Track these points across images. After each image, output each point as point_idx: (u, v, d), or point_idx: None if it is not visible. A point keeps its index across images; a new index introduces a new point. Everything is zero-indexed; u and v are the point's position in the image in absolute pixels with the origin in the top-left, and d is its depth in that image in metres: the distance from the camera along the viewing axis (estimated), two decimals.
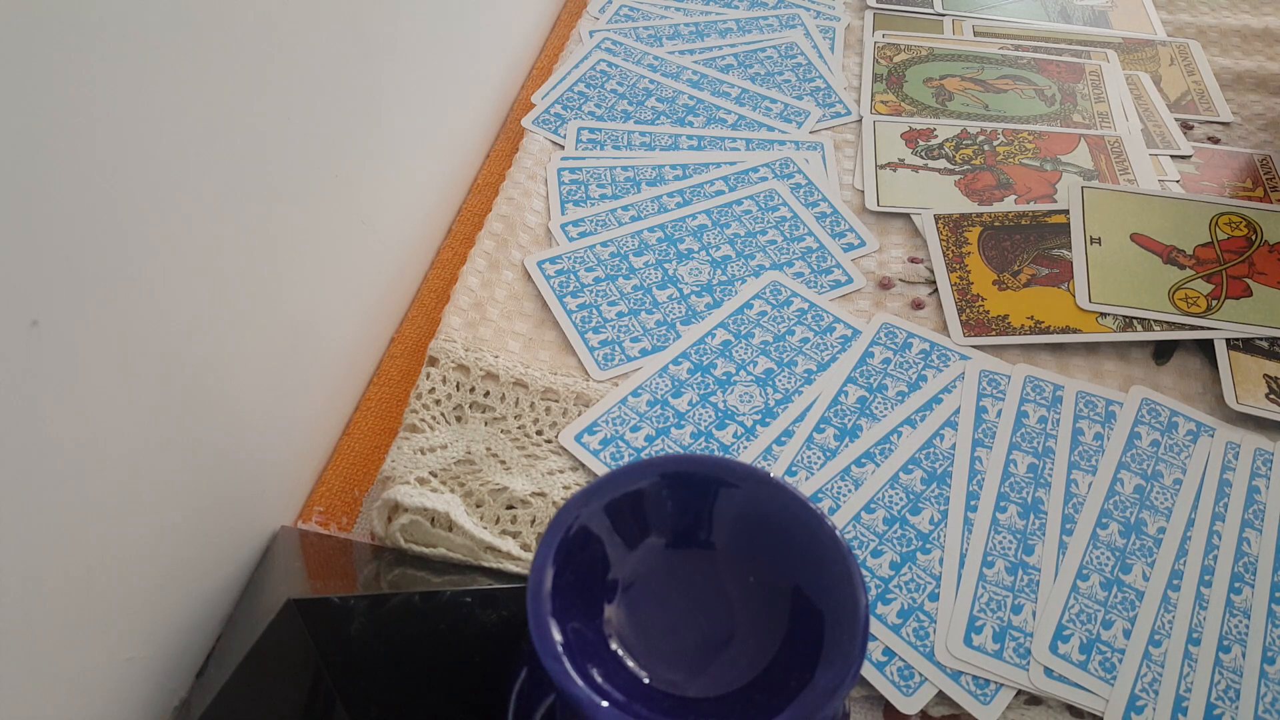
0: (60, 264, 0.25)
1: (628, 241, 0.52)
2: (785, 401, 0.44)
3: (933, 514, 0.40)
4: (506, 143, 0.60)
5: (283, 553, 0.38)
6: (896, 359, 0.46)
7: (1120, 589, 0.38)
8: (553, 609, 0.23)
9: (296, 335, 0.39)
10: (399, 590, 0.34)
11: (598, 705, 0.22)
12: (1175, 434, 0.43)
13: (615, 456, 0.42)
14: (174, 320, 0.31)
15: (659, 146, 0.58)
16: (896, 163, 0.57)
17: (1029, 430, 0.43)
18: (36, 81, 0.23)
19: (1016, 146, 0.58)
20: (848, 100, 0.62)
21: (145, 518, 0.31)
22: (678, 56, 0.65)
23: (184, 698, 0.35)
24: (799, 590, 0.25)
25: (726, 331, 0.47)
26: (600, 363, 0.46)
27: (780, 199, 0.54)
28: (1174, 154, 0.58)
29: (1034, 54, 0.66)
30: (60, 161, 0.25)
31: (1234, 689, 0.35)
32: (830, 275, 0.50)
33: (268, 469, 0.38)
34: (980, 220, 0.53)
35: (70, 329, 0.26)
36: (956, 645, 0.36)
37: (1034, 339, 0.47)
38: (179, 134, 0.29)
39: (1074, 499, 0.41)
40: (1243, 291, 0.49)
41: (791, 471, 0.42)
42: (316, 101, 0.38)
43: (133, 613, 0.31)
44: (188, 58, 0.29)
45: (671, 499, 0.27)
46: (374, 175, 0.44)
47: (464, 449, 0.42)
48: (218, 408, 0.34)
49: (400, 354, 0.48)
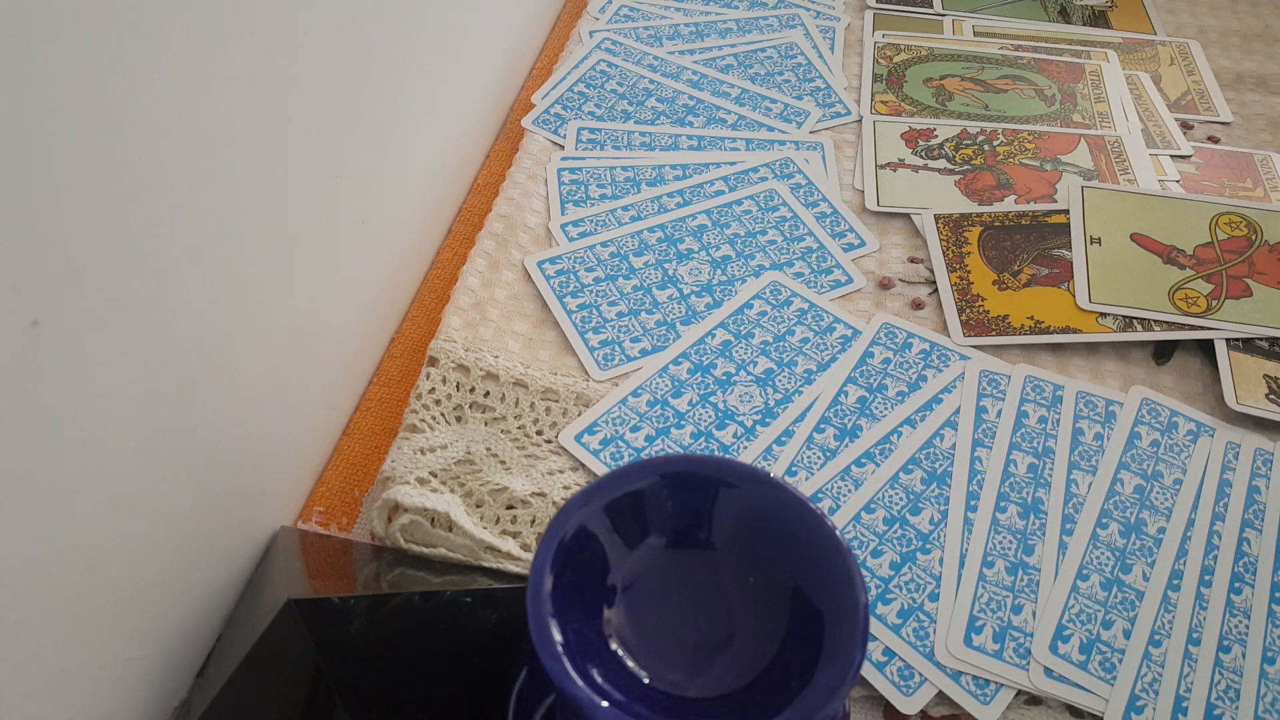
0: (60, 264, 0.25)
1: (628, 241, 0.52)
2: (785, 401, 0.44)
3: (933, 514, 0.40)
4: (506, 143, 0.60)
5: (283, 553, 0.38)
6: (896, 359, 0.46)
7: (1120, 589, 0.38)
8: (553, 609, 0.23)
9: (296, 335, 0.39)
10: (399, 590, 0.34)
11: (598, 705, 0.22)
12: (1175, 434, 0.43)
13: (615, 456, 0.42)
14: (174, 321, 0.31)
15: (659, 146, 0.58)
16: (896, 163, 0.57)
17: (1029, 430, 0.43)
18: (38, 80, 0.23)
19: (1016, 146, 0.58)
20: (848, 100, 0.62)
21: (145, 518, 0.31)
22: (678, 56, 0.65)
23: (184, 698, 0.35)
24: (799, 590, 0.25)
25: (726, 331, 0.47)
26: (600, 363, 0.46)
27: (780, 199, 0.54)
28: (1174, 154, 0.58)
29: (1034, 54, 0.66)
30: (61, 161, 0.25)
31: (1234, 689, 0.35)
32: (830, 275, 0.50)
33: (268, 469, 0.38)
34: (980, 220, 0.53)
35: (70, 329, 0.26)
36: (956, 645, 0.36)
37: (1034, 339, 0.47)
38: (179, 135, 0.29)
39: (1074, 499, 0.41)
40: (1243, 291, 0.49)
41: (791, 471, 0.42)
42: (317, 101, 0.38)
43: (133, 612, 0.31)
44: (188, 58, 0.29)
45: (671, 499, 0.27)
46: (374, 175, 0.44)
47: (464, 449, 0.42)
48: (218, 408, 0.34)
49: (400, 354, 0.48)
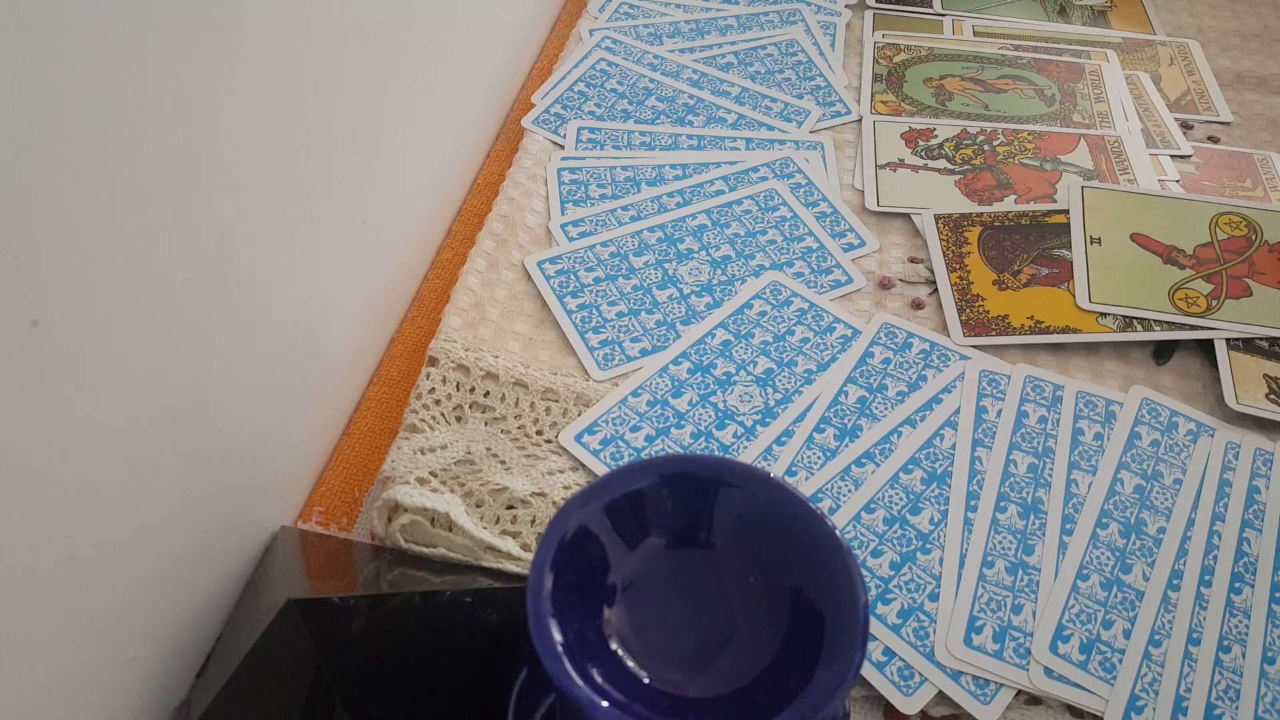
0: (60, 264, 0.25)
1: (628, 241, 0.52)
2: (785, 401, 0.44)
3: (933, 514, 0.40)
4: (506, 143, 0.60)
5: (283, 553, 0.38)
6: (896, 359, 0.46)
7: (1120, 589, 0.38)
8: (553, 609, 0.24)
9: (296, 335, 0.39)
10: (399, 590, 0.34)
11: (598, 705, 0.22)
12: (1175, 434, 0.43)
13: (615, 456, 0.42)
14: (174, 321, 0.31)
15: (659, 146, 0.58)
16: (896, 163, 0.57)
17: (1029, 430, 0.43)
18: (38, 80, 0.23)
19: (1016, 146, 0.58)
20: (848, 100, 0.62)
21: (145, 518, 0.31)
22: (678, 55, 0.64)
23: (184, 698, 0.35)
24: (799, 590, 0.25)
25: (726, 331, 0.47)
26: (600, 363, 0.46)
27: (780, 199, 0.54)
28: (1174, 154, 0.58)
29: (1034, 54, 0.66)
30: (61, 161, 0.25)
31: (1234, 689, 0.35)
32: (830, 275, 0.50)
33: (268, 468, 0.38)
34: (980, 220, 0.53)
35: (70, 329, 0.26)
36: (956, 645, 0.36)
37: (1034, 339, 0.47)
38: (180, 135, 0.29)
39: (1074, 499, 0.41)
40: (1243, 291, 0.49)
41: (791, 471, 0.42)
42: (317, 101, 0.38)
43: (132, 613, 0.31)
44: (189, 58, 0.29)
45: (671, 499, 0.27)
46: (374, 175, 0.44)
47: (464, 449, 0.42)
48: (217, 408, 0.34)
49: (400, 354, 0.48)
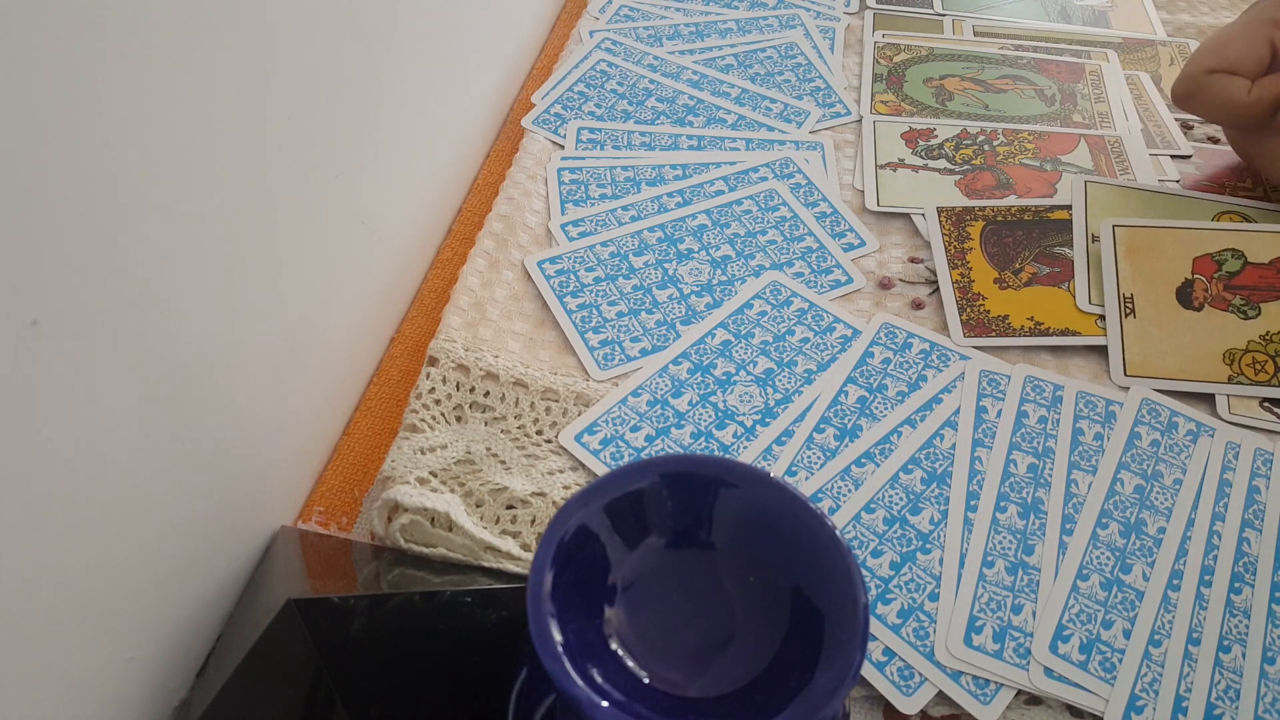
0: (60, 264, 0.25)
1: (628, 241, 0.52)
2: (785, 401, 0.44)
3: (933, 514, 0.40)
4: (506, 143, 0.60)
5: (283, 553, 0.38)
6: (896, 359, 0.46)
7: (1120, 589, 0.38)
8: (553, 609, 0.23)
9: (296, 335, 0.39)
10: (399, 590, 0.34)
11: (598, 705, 0.22)
12: (1175, 434, 0.43)
13: (615, 456, 0.42)
14: (174, 321, 0.31)
15: (659, 146, 0.58)
16: (896, 163, 0.57)
17: (1029, 430, 0.43)
18: (36, 80, 0.23)
19: (1016, 146, 0.58)
20: (848, 100, 0.62)
21: (145, 517, 0.31)
22: (678, 56, 0.64)
23: (184, 698, 0.35)
24: (799, 590, 0.25)
25: (726, 331, 0.47)
26: (600, 363, 0.46)
27: (780, 199, 0.54)
28: (1174, 154, 0.58)
29: (1034, 54, 0.66)
30: (60, 161, 0.25)
31: (1234, 689, 0.35)
32: (830, 275, 0.50)
33: (268, 469, 0.38)
34: (983, 214, 0.53)
35: (70, 329, 0.26)
36: (956, 645, 0.36)
37: (1033, 341, 0.47)
38: (179, 135, 0.29)
39: (1074, 499, 0.41)
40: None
41: (791, 471, 0.42)
42: (317, 101, 0.38)
43: (133, 613, 0.31)
44: (188, 57, 0.29)
45: (671, 499, 0.27)
46: (374, 175, 0.44)
47: (464, 449, 0.42)
48: (218, 408, 0.34)
49: (400, 354, 0.48)
